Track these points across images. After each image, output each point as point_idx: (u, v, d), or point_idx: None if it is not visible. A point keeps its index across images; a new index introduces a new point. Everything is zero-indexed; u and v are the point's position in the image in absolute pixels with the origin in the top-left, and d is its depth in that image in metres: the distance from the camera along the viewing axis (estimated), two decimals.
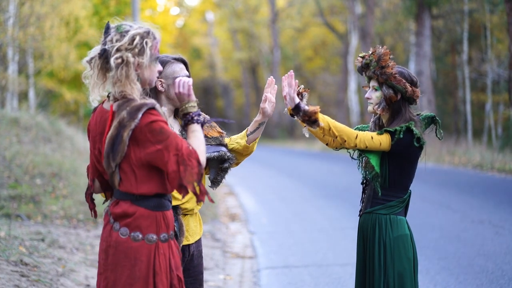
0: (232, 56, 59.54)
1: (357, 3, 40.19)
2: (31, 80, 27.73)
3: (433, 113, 4.79)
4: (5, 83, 22.83)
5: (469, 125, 31.56)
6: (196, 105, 3.87)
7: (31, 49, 25.84)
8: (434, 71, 35.86)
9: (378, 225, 4.62)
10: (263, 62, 56.77)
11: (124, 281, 3.66)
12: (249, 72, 61.57)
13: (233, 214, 14.22)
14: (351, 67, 41.22)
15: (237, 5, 57.59)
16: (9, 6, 21.78)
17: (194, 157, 3.60)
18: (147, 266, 3.68)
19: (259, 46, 56.86)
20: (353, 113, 41.12)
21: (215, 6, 60.12)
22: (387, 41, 39.16)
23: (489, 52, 30.25)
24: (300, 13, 50.65)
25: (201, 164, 3.63)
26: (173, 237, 3.83)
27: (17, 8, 22.25)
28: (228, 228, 12.55)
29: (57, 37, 25.48)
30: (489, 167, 20.62)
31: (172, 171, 3.57)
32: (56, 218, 10.97)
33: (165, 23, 47.31)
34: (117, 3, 37.08)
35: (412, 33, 35.65)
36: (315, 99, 51.73)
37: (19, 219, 10.41)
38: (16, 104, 24.99)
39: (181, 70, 4.41)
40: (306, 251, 10.12)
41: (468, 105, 31.72)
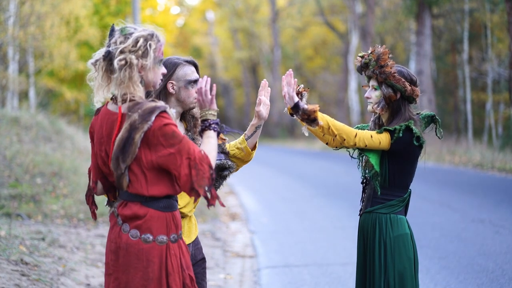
0: (232, 55, 59.55)
1: (357, 2, 40.19)
2: (32, 79, 27.74)
3: (433, 112, 4.79)
4: (6, 82, 22.84)
5: (470, 124, 31.56)
6: (216, 114, 3.93)
7: (32, 48, 25.86)
8: (434, 70, 35.87)
9: (378, 224, 4.61)
10: (264, 61, 56.77)
11: (137, 282, 3.69)
12: (249, 71, 61.58)
13: (234, 213, 14.22)
14: (351, 67, 41.22)
15: (238, 4, 57.58)
16: (10, 5, 21.79)
17: (206, 162, 3.62)
18: (160, 267, 3.70)
19: (259, 45, 56.87)
20: (354, 112, 41.12)
21: (216, 5, 60.13)
22: (387, 40, 39.16)
23: (489, 51, 30.25)
24: (300, 12, 50.65)
25: (212, 169, 3.65)
26: (181, 236, 3.84)
27: (18, 7, 22.26)
28: (228, 227, 12.55)
29: (58, 36, 25.50)
30: (490, 167, 20.62)
31: (184, 174, 3.59)
32: (56, 217, 10.97)
33: (165, 22, 47.31)
34: (117, 3, 37.07)
35: (412, 32, 35.65)
36: (316, 98, 51.72)
37: (20, 218, 10.42)
38: (16, 103, 25.00)
39: (193, 73, 4.40)
40: (306, 251, 10.12)
41: (468, 104, 31.72)
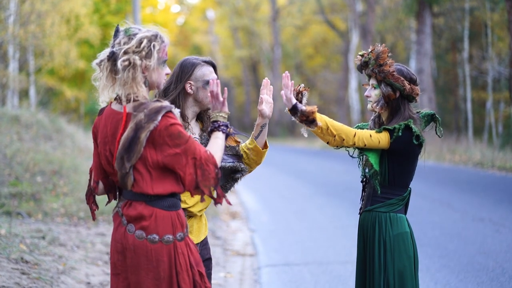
0: (232, 54, 59.53)
1: (357, 1, 40.19)
2: (32, 77, 27.75)
3: (433, 111, 4.79)
4: (6, 81, 22.84)
5: (470, 123, 31.56)
6: (226, 116, 3.96)
7: (32, 46, 25.86)
8: (434, 69, 35.85)
9: (378, 223, 4.62)
10: (264, 60, 56.76)
11: (149, 283, 3.72)
12: (249, 70, 61.58)
13: (234, 212, 14.22)
14: (351, 65, 41.22)
15: (238, 3, 57.55)
16: (10, 3, 21.79)
17: (211, 162, 3.65)
18: (169, 266, 3.73)
19: (259, 44, 56.85)
20: (354, 111, 41.12)
21: (216, 3, 60.10)
22: (388, 39, 39.15)
23: (489, 50, 30.24)
24: (300, 10, 50.65)
25: (218, 168, 3.67)
26: (187, 234, 3.86)
27: (18, 5, 22.26)
28: (228, 226, 12.55)
29: (58, 35, 25.50)
30: (490, 165, 20.62)
31: (189, 174, 3.62)
32: (56, 215, 10.97)
33: (165, 21, 47.39)
34: (117, 1, 37.10)
35: (413, 31, 35.64)
36: (316, 97, 51.74)
37: (20, 217, 10.42)
38: (16, 101, 25.00)
39: (211, 73, 4.41)
40: (306, 249, 10.12)
41: (468, 103, 31.71)
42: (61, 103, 34.59)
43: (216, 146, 3.80)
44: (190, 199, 4.31)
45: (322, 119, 4.43)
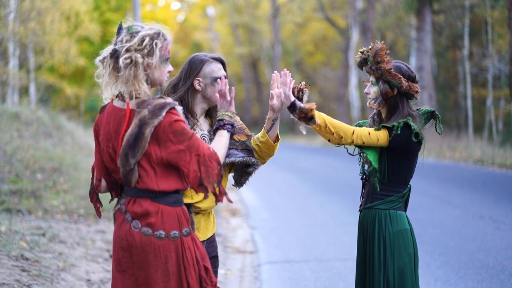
0: (232, 51, 59.48)
1: None
2: (32, 75, 27.75)
3: (432, 108, 4.79)
4: (6, 78, 22.84)
5: (470, 120, 31.55)
6: (232, 116, 4.05)
7: (32, 43, 25.86)
8: (435, 66, 35.84)
9: (377, 220, 4.62)
10: (264, 57, 56.72)
11: (158, 279, 3.74)
12: (250, 67, 61.55)
13: (234, 209, 14.22)
14: (352, 62, 41.19)
15: (238, 0, 57.53)
16: (10, 0, 21.78)
17: (214, 159, 3.68)
18: (177, 261, 3.76)
19: (260, 41, 56.82)
20: (354, 108, 41.09)
21: (216, 1, 60.08)
22: (388, 36, 39.13)
23: (490, 47, 30.23)
24: (300, 8, 50.58)
25: (221, 165, 3.70)
26: (193, 229, 3.90)
27: (18, 2, 22.25)
28: (228, 223, 12.56)
29: (58, 32, 25.50)
30: (490, 163, 20.62)
31: (193, 171, 3.64)
32: (56, 212, 10.97)
33: (165, 18, 47.39)
34: None
35: (413, 28, 35.63)
36: (316, 94, 51.72)
37: (20, 214, 10.42)
38: (16, 99, 25.01)
39: (219, 70, 4.42)
40: (306, 246, 10.12)
41: (469, 100, 31.71)
42: (61, 100, 34.61)
43: (220, 143, 3.84)
44: (196, 195, 4.31)
45: (320, 117, 4.44)
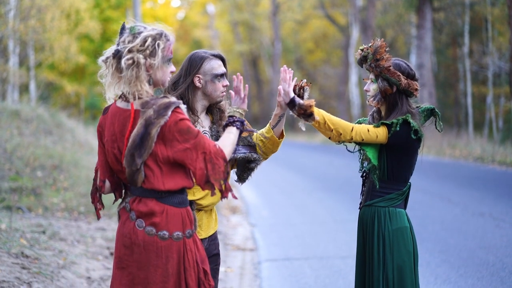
0: (233, 48, 59.45)
1: None
2: (32, 72, 27.75)
3: (432, 106, 4.79)
4: (6, 76, 22.84)
5: (470, 117, 31.55)
6: (243, 113, 4.12)
7: (32, 41, 25.86)
8: (435, 63, 35.83)
9: (377, 217, 4.62)
10: (264, 54, 56.72)
11: (157, 279, 3.75)
12: (250, 64, 61.54)
13: (234, 206, 14.23)
14: (352, 60, 41.18)
15: None
16: None
17: (220, 156, 3.70)
18: (178, 262, 3.77)
19: (260, 38, 56.80)
20: (354, 105, 41.09)
21: None
22: (388, 34, 39.12)
23: (490, 44, 30.23)
24: (301, 5, 50.56)
25: (227, 162, 3.72)
26: (195, 230, 3.90)
27: (18, 0, 22.24)
28: (229, 220, 12.56)
29: (58, 30, 25.49)
30: (490, 160, 20.62)
31: (199, 168, 3.65)
32: (57, 210, 10.97)
33: (165, 16, 47.33)
34: None
35: (413, 26, 35.62)
36: (316, 91, 51.70)
37: (20, 212, 10.42)
38: (17, 96, 25.00)
39: (219, 66, 4.42)
40: (306, 244, 10.13)
41: (469, 97, 31.71)
42: (61, 98, 34.58)
43: (227, 140, 3.87)
44: (199, 191, 4.31)
45: (319, 114, 4.44)
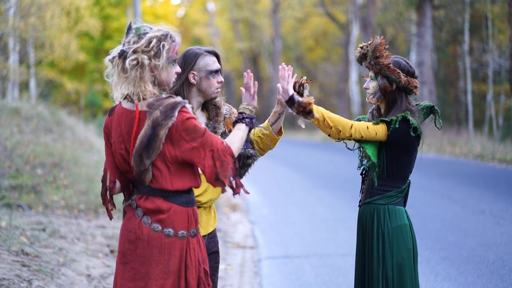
0: (233, 46, 59.42)
1: None
2: (32, 70, 27.74)
3: (432, 103, 4.79)
4: (6, 73, 22.84)
5: (470, 115, 31.54)
6: (254, 110, 4.12)
7: (32, 39, 25.84)
8: (435, 61, 35.81)
9: (376, 215, 4.62)
10: (264, 52, 56.70)
11: (157, 275, 3.76)
12: (250, 62, 61.50)
13: (234, 204, 14.23)
14: (352, 58, 41.16)
15: None
16: None
17: (228, 153, 3.70)
18: (180, 260, 3.79)
19: (260, 36, 56.77)
20: (354, 103, 41.08)
21: None
22: (388, 31, 39.10)
23: (490, 42, 30.21)
24: (301, 3, 50.49)
25: (235, 158, 3.73)
26: (199, 230, 3.93)
27: None
28: (229, 218, 12.56)
29: (58, 27, 25.47)
30: (490, 158, 20.62)
31: (208, 166, 3.66)
32: (57, 208, 10.98)
33: (166, 13, 47.25)
34: None
35: (413, 23, 35.59)
36: (316, 89, 51.68)
37: (20, 209, 10.42)
38: (17, 94, 25.00)
39: (214, 62, 4.41)
40: (307, 241, 10.13)
41: (469, 95, 31.69)
42: (61, 96, 34.57)
43: (236, 137, 3.86)
44: (197, 188, 4.31)
45: (318, 111, 4.44)
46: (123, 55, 3.76)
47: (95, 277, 7.39)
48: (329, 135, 4.59)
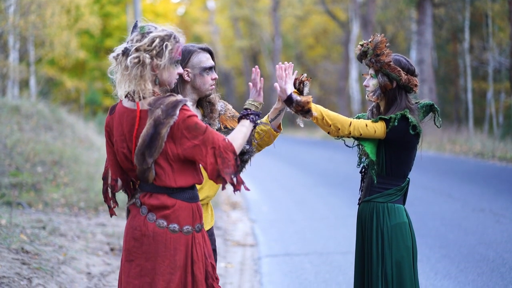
0: (233, 44, 59.42)
1: None
2: (32, 68, 27.73)
3: (431, 101, 4.79)
4: (6, 71, 22.83)
5: (470, 113, 31.53)
6: (259, 106, 4.10)
7: (32, 37, 25.83)
8: (435, 59, 35.81)
9: (375, 213, 4.62)
10: (264, 50, 56.68)
11: (163, 270, 3.78)
12: (250, 60, 61.48)
13: (234, 202, 14.23)
14: (352, 55, 41.15)
15: None
16: None
17: (230, 150, 3.71)
18: (186, 255, 3.82)
19: (260, 34, 56.75)
20: (354, 101, 41.06)
21: None
22: (388, 29, 39.08)
23: (490, 40, 30.21)
24: (301, 1, 50.47)
25: (237, 155, 3.74)
26: (203, 226, 3.95)
27: None
28: (229, 216, 12.56)
29: (58, 25, 25.46)
30: (490, 156, 20.61)
31: (210, 163, 3.68)
32: (57, 206, 10.98)
33: (166, 11, 47.23)
34: None
35: (413, 21, 35.58)
36: (316, 87, 51.67)
37: (20, 207, 10.42)
38: (17, 92, 25.00)
39: (207, 59, 4.40)
40: (307, 239, 10.13)
41: (469, 93, 31.69)
42: (61, 93, 34.57)
43: (239, 133, 3.87)
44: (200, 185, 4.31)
45: (317, 109, 4.44)
46: (126, 53, 3.78)
47: (95, 275, 7.39)
48: (329, 133, 4.59)
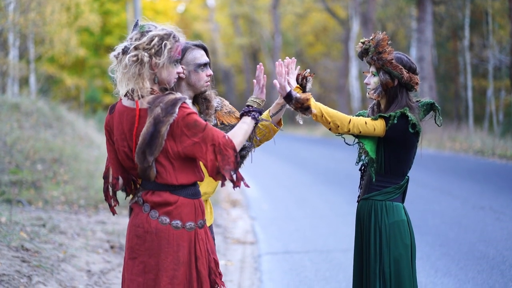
0: (233, 41, 59.42)
1: None
2: (32, 65, 27.71)
3: (432, 100, 4.78)
4: (6, 69, 22.81)
5: (470, 111, 31.53)
6: (261, 103, 4.16)
7: (32, 34, 25.81)
8: (435, 57, 35.80)
9: (374, 211, 4.62)
10: (264, 47, 56.67)
11: (167, 266, 3.80)
12: (250, 57, 61.49)
13: (234, 200, 14.23)
14: (352, 53, 41.15)
15: None
16: None
17: (230, 147, 3.73)
18: (189, 251, 3.84)
19: (260, 31, 56.74)
20: (354, 99, 41.07)
21: None
22: (388, 27, 39.06)
23: (490, 38, 30.19)
24: None
25: (237, 152, 3.75)
26: (206, 221, 3.96)
27: None
28: (229, 214, 12.56)
29: (58, 23, 25.43)
30: (490, 153, 20.61)
31: (210, 160, 3.70)
32: (57, 203, 10.98)
33: (166, 9, 47.20)
34: None
35: (413, 19, 35.56)
36: (316, 85, 51.67)
37: (20, 205, 10.42)
38: (17, 89, 24.98)
39: (202, 56, 4.40)
40: (307, 237, 10.13)
41: (469, 91, 31.68)
42: (61, 91, 34.54)
43: (239, 130, 3.90)
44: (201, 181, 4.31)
45: (317, 107, 4.44)
46: (126, 51, 3.79)
47: (95, 272, 7.39)
48: (330, 129, 4.60)
